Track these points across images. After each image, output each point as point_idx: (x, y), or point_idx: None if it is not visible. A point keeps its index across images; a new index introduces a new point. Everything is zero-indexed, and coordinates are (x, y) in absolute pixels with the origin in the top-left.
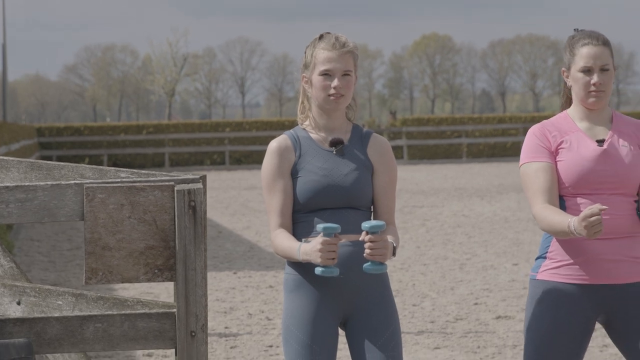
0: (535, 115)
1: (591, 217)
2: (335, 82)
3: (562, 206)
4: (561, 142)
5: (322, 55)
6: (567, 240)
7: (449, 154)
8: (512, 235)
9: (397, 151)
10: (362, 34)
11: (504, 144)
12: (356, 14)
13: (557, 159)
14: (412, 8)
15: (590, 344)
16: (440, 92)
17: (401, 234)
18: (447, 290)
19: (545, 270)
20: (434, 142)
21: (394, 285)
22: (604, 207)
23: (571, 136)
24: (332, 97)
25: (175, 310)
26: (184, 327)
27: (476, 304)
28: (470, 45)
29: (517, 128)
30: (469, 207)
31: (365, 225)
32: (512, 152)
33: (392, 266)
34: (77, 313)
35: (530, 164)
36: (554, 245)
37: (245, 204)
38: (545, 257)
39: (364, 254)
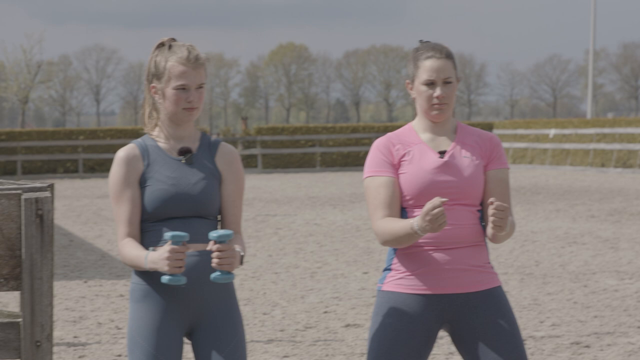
0: (389, 125)
1: (433, 210)
2: (191, 96)
3: (405, 218)
4: (404, 155)
5: (177, 69)
6: (411, 252)
7: (303, 163)
8: (363, 244)
9: (252, 160)
10: (219, 43)
11: (357, 154)
12: (213, 22)
13: (400, 172)
14: (268, 18)
15: (436, 351)
16: (296, 101)
17: (253, 243)
18: (297, 298)
19: (390, 281)
20: (288, 151)
21: (245, 294)
22: (444, 199)
23: (414, 148)
24: (186, 110)
25: (20, 320)
26: (29, 337)
27: (326, 312)
28: (325, 55)
29: (370, 138)
30: (322, 215)
31: (213, 234)
32: (365, 161)
33: (244, 275)
34: None
35: (373, 179)
36: (399, 257)
37: (97, 212)
38: (390, 269)
39: (212, 264)
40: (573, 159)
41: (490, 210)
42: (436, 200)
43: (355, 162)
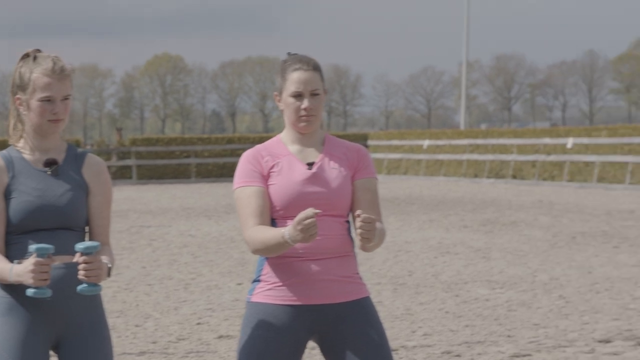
0: (264, 135)
1: (305, 220)
2: (56, 108)
3: None
4: (273, 166)
5: (42, 80)
6: (280, 262)
7: (178, 174)
8: (238, 255)
9: (126, 171)
10: (93, 53)
11: (232, 164)
12: (86, 32)
13: (269, 183)
14: (144, 28)
15: None
16: (171, 112)
17: (127, 254)
18: (170, 310)
19: (258, 292)
20: (163, 162)
21: (117, 306)
22: (317, 210)
23: (283, 160)
24: (51, 122)
25: None
26: None
27: (199, 323)
28: (201, 66)
29: (245, 148)
30: (197, 227)
31: (80, 246)
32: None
33: (117, 287)
34: None
35: (244, 189)
36: (268, 268)
37: None
38: (259, 280)
39: (78, 276)
40: (447, 169)
41: (358, 223)
42: (309, 210)
43: (231, 173)
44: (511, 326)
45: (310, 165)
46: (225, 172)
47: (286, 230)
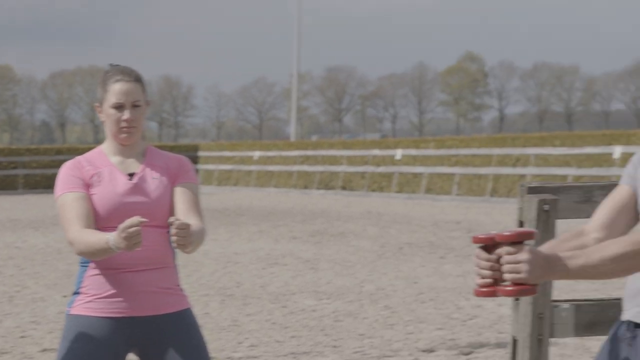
0: (94, 146)
1: (130, 227)
2: None
3: None
4: (94, 175)
5: None
6: (100, 274)
7: (5, 186)
8: (64, 266)
9: None
10: None
11: None
12: None
13: (90, 193)
14: None
15: None
16: None
17: None
18: None
19: (78, 304)
20: None
21: None
22: (144, 219)
23: (104, 170)
24: None
25: None
26: None
27: (22, 337)
28: (30, 75)
29: None
30: (23, 238)
31: None
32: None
33: None
34: None
35: (66, 195)
36: (88, 280)
37: None
38: (79, 292)
39: None
40: (277, 180)
41: (172, 230)
42: (135, 218)
43: None
44: (337, 336)
45: (131, 176)
46: (54, 184)
47: (111, 236)
